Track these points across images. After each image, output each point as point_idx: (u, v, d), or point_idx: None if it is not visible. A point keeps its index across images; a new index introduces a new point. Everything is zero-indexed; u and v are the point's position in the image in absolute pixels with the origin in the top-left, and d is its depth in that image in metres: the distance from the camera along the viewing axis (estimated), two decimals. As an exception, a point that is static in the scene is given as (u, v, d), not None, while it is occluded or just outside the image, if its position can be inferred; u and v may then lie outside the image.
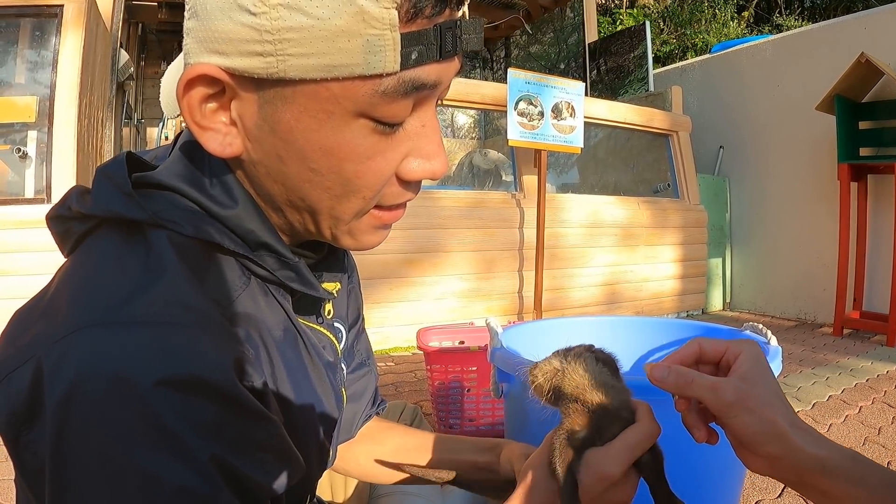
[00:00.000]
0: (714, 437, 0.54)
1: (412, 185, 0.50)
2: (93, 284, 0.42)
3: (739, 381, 0.49)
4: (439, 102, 0.50)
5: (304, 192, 0.47)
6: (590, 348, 0.55)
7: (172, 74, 0.55)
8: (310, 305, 0.58)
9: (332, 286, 0.61)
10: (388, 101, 0.43)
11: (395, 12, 0.40)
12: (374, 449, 0.77)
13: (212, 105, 0.45)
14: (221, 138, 0.45)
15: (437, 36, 0.42)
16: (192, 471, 0.38)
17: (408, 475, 0.76)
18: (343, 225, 0.50)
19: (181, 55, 0.52)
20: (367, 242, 0.53)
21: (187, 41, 0.44)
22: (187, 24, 0.44)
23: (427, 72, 0.43)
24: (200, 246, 0.47)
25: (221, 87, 0.44)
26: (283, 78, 0.41)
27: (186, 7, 0.44)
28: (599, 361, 0.54)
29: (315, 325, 0.59)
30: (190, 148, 0.49)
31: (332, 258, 0.62)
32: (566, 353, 0.55)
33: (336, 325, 0.64)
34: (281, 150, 0.45)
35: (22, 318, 0.44)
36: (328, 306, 0.62)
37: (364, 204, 0.48)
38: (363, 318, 0.76)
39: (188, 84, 0.43)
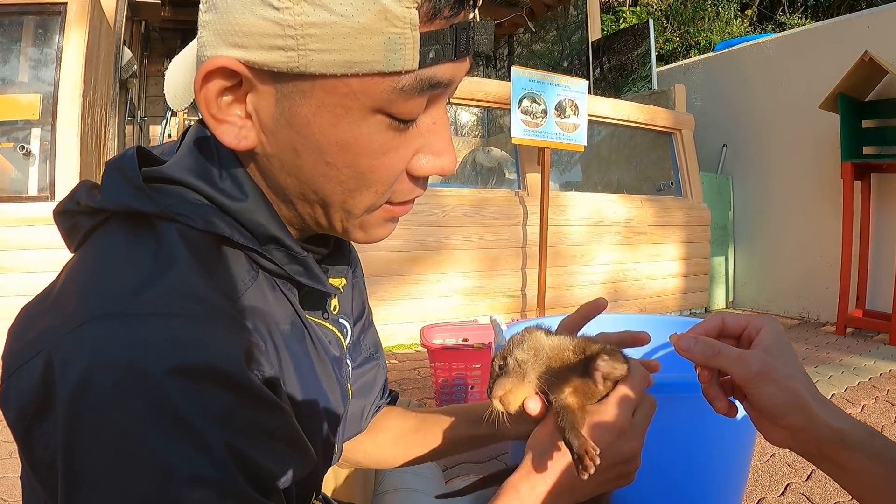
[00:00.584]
0: (733, 409, 0.55)
1: (421, 181, 0.51)
2: (102, 277, 0.42)
3: (763, 354, 0.50)
4: (447, 101, 0.50)
5: (318, 185, 0.47)
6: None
7: (177, 66, 0.55)
8: (316, 301, 0.58)
9: (337, 282, 0.61)
10: (404, 98, 0.44)
11: (416, 12, 0.41)
12: (378, 437, 0.78)
13: (227, 98, 0.45)
14: (237, 131, 0.46)
15: (453, 36, 0.43)
16: (206, 459, 0.38)
17: (413, 457, 0.78)
18: (354, 219, 0.50)
19: (188, 47, 0.51)
20: (378, 235, 0.53)
21: (203, 34, 0.45)
22: (204, 16, 0.44)
23: (442, 70, 0.44)
24: (210, 239, 0.47)
25: (238, 80, 0.44)
26: (304, 73, 0.42)
27: (202, 0, 0.44)
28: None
29: (321, 321, 0.59)
30: (200, 142, 0.50)
31: (338, 254, 0.62)
32: (513, 347, 0.56)
33: (341, 321, 0.64)
34: (297, 144, 0.45)
35: (29, 312, 0.44)
36: (334, 302, 0.62)
37: (376, 198, 0.49)
38: (370, 312, 0.76)
39: (206, 76, 0.43)
